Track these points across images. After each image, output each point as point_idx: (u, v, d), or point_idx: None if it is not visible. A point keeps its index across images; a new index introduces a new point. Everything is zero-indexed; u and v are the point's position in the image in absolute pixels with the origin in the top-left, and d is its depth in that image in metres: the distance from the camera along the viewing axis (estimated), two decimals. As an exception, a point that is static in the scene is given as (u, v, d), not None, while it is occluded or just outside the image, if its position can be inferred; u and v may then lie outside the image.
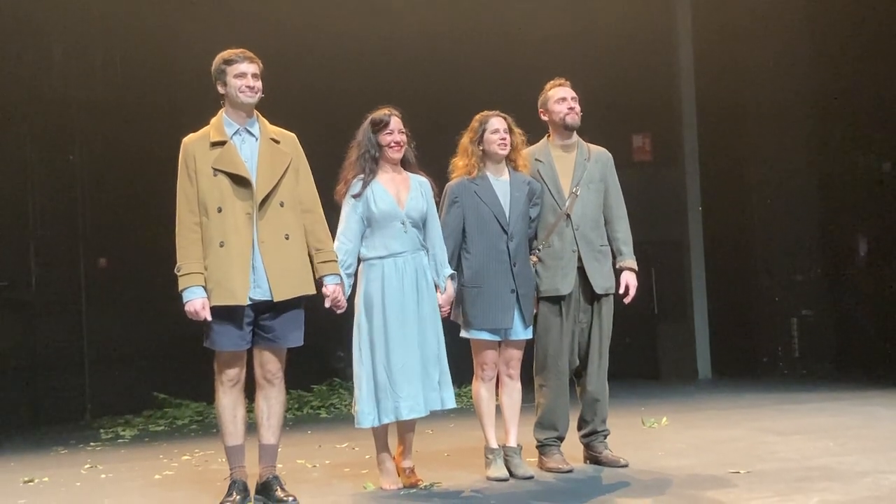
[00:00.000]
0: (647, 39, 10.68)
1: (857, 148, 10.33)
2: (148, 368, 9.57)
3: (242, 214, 4.61)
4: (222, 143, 4.65)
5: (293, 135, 4.88)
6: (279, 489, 4.71)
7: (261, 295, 4.61)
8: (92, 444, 7.78)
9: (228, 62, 4.67)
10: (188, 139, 4.71)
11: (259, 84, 4.69)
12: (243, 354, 4.70)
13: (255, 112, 4.77)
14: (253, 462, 4.81)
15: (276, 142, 4.76)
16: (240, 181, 4.62)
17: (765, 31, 10.69)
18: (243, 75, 4.65)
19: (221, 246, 4.57)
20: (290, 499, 4.67)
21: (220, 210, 4.58)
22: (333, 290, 4.80)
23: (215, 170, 4.61)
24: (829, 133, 10.62)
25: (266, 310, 4.65)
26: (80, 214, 9.65)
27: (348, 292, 4.97)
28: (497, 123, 5.26)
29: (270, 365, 4.73)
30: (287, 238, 4.67)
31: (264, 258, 4.61)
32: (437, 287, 5.09)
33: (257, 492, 4.77)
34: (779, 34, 10.68)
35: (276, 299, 4.62)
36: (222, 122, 4.71)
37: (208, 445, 7.06)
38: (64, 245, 9.56)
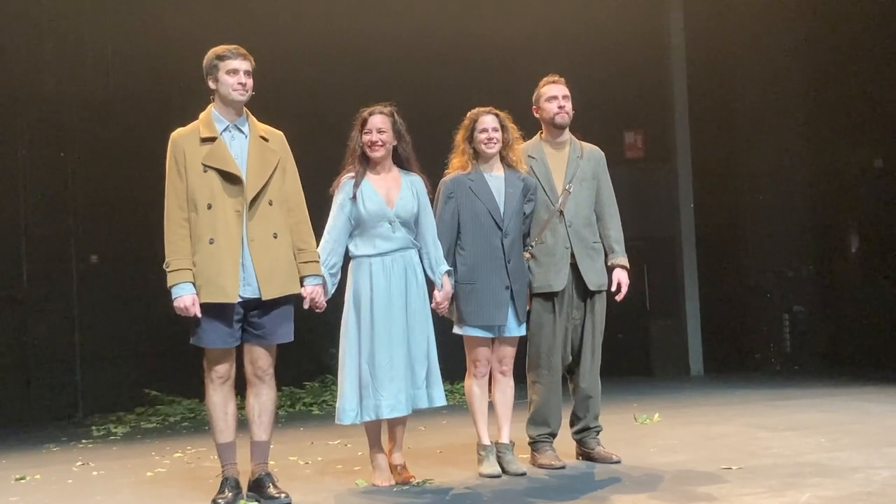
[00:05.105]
0: (639, 36, 10.69)
1: (848, 144, 10.36)
2: (140, 365, 9.55)
3: (232, 212, 4.58)
4: (212, 140, 4.62)
5: (281, 133, 4.85)
6: (271, 486, 4.70)
7: (250, 293, 4.59)
8: (84, 441, 7.76)
9: (221, 58, 4.64)
10: (177, 134, 4.68)
11: (250, 82, 4.66)
12: (232, 351, 4.68)
13: (245, 109, 4.74)
14: (245, 459, 4.80)
15: (265, 140, 4.73)
16: (230, 178, 4.59)
17: (757, 28, 10.72)
18: (235, 72, 4.62)
19: (211, 243, 4.55)
20: (283, 495, 4.66)
21: (209, 207, 4.56)
22: (312, 290, 4.78)
23: (205, 166, 4.58)
24: (821, 129, 10.64)
25: (255, 307, 4.63)
26: (72, 211, 9.60)
27: (332, 291, 4.96)
28: (485, 122, 5.24)
29: (261, 361, 4.72)
30: (275, 237, 4.65)
31: (253, 256, 4.59)
32: (433, 285, 5.08)
33: (249, 489, 4.75)
34: (771, 31, 10.70)
35: (264, 297, 4.60)
36: (212, 118, 4.68)
37: (200, 442, 7.04)
38: (55, 242, 9.51)
